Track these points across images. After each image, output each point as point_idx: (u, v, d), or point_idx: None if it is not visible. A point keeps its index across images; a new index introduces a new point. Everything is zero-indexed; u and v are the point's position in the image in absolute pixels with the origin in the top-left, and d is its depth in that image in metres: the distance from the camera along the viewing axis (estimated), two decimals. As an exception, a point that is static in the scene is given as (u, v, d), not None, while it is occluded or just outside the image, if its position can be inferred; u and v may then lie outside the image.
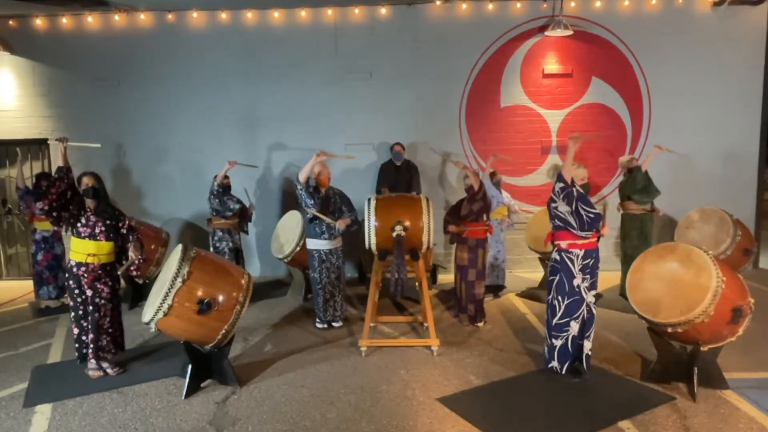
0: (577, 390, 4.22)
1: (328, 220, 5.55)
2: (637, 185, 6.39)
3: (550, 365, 4.42)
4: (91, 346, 4.56)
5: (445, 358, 4.92)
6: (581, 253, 4.26)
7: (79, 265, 4.50)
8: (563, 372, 4.35)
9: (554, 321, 4.33)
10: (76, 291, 4.53)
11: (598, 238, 4.34)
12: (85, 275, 4.51)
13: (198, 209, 7.92)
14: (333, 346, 5.29)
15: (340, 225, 5.58)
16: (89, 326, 4.56)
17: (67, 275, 4.59)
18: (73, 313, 4.61)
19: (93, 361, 4.61)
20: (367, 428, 3.76)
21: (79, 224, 4.49)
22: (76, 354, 4.72)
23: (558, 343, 4.34)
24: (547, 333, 4.44)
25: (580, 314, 4.27)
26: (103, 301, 4.58)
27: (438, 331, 5.22)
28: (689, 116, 7.96)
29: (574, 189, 4.22)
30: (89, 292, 4.53)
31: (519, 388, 4.33)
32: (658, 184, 6.42)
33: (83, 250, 4.50)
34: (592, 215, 4.20)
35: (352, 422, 3.84)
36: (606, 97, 8.01)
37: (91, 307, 4.54)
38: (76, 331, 4.65)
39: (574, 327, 4.27)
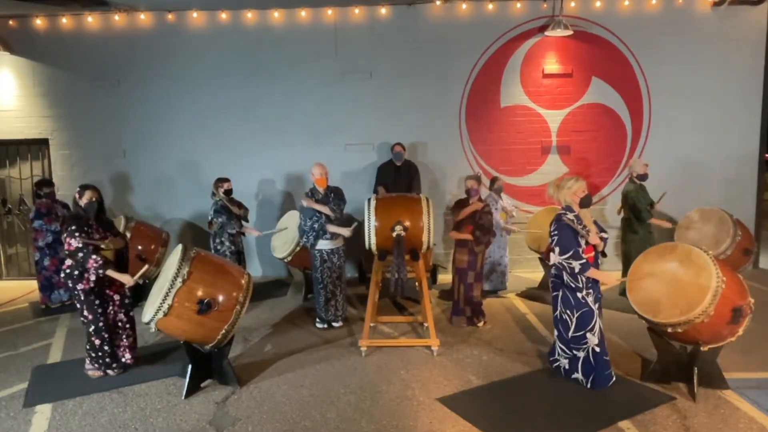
0: (577, 390, 4.22)
1: (326, 211, 5.58)
2: (640, 206, 6.31)
3: (574, 376, 4.32)
4: (125, 347, 4.77)
5: (445, 358, 4.92)
6: None
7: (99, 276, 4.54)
8: (589, 386, 4.24)
9: (570, 334, 4.25)
10: (97, 302, 4.54)
11: (596, 255, 4.30)
12: (108, 284, 4.61)
13: (198, 209, 7.92)
14: (333, 346, 5.29)
15: (345, 232, 5.63)
16: (123, 328, 4.73)
17: (85, 289, 4.53)
18: (93, 326, 4.55)
19: (88, 361, 4.66)
20: (367, 428, 3.76)
21: (95, 239, 4.50)
22: (98, 363, 4.62)
23: (581, 354, 4.26)
24: (564, 347, 4.34)
25: (594, 325, 4.18)
26: (128, 300, 4.81)
27: (438, 331, 5.22)
28: (689, 116, 7.96)
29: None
30: (116, 297, 4.69)
31: (519, 388, 4.33)
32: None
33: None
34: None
35: (352, 422, 3.84)
36: (606, 97, 8.01)
37: (124, 310, 4.75)
38: (98, 342, 4.58)
39: (592, 339, 4.18)
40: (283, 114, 8.00)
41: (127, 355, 4.77)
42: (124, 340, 4.76)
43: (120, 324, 4.73)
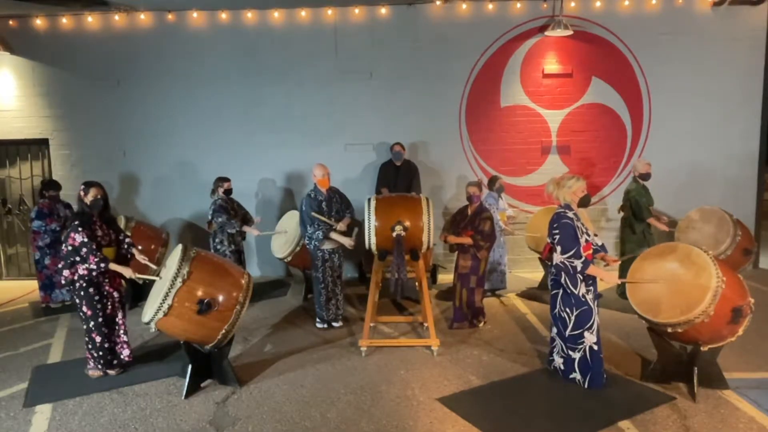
0: (576, 390, 4.22)
1: (329, 222, 5.56)
2: (642, 204, 6.35)
3: (571, 376, 4.31)
4: (123, 343, 4.78)
5: (445, 358, 4.92)
6: None
7: (100, 273, 4.55)
8: (586, 385, 4.24)
9: (567, 333, 4.25)
10: (96, 298, 4.55)
11: (594, 252, 4.31)
12: (107, 280, 4.64)
13: (198, 209, 7.92)
14: (333, 346, 5.29)
15: (341, 226, 5.59)
16: (118, 327, 4.74)
17: (84, 285, 4.50)
18: (92, 323, 4.55)
19: (90, 361, 4.65)
20: (367, 428, 3.76)
21: (97, 236, 4.54)
22: (100, 363, 4.60)
23: (576, 355, 4.26)
24: (563, 345, 4.34)
25: (592, 324, 4.18)
26: (123, 299, 4.86)
27: (438, 331, 5.22)
28: (689, 116, 7.96)
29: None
30: (116, 295, 4.72)
31: (519, 388, 4.34)
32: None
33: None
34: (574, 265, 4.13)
35: (352, 422, 3.84)
36: (606, 97, 8.01)
37: (121, 307, 4.78)
38: (98, 339, 4.57)
39: (590, 338, 4.18)
40: (283, 114, 8.00)
41: (125, 352, 4.78)
42: (122, 336, 4.78)
43: (118, 321, 4.75)
